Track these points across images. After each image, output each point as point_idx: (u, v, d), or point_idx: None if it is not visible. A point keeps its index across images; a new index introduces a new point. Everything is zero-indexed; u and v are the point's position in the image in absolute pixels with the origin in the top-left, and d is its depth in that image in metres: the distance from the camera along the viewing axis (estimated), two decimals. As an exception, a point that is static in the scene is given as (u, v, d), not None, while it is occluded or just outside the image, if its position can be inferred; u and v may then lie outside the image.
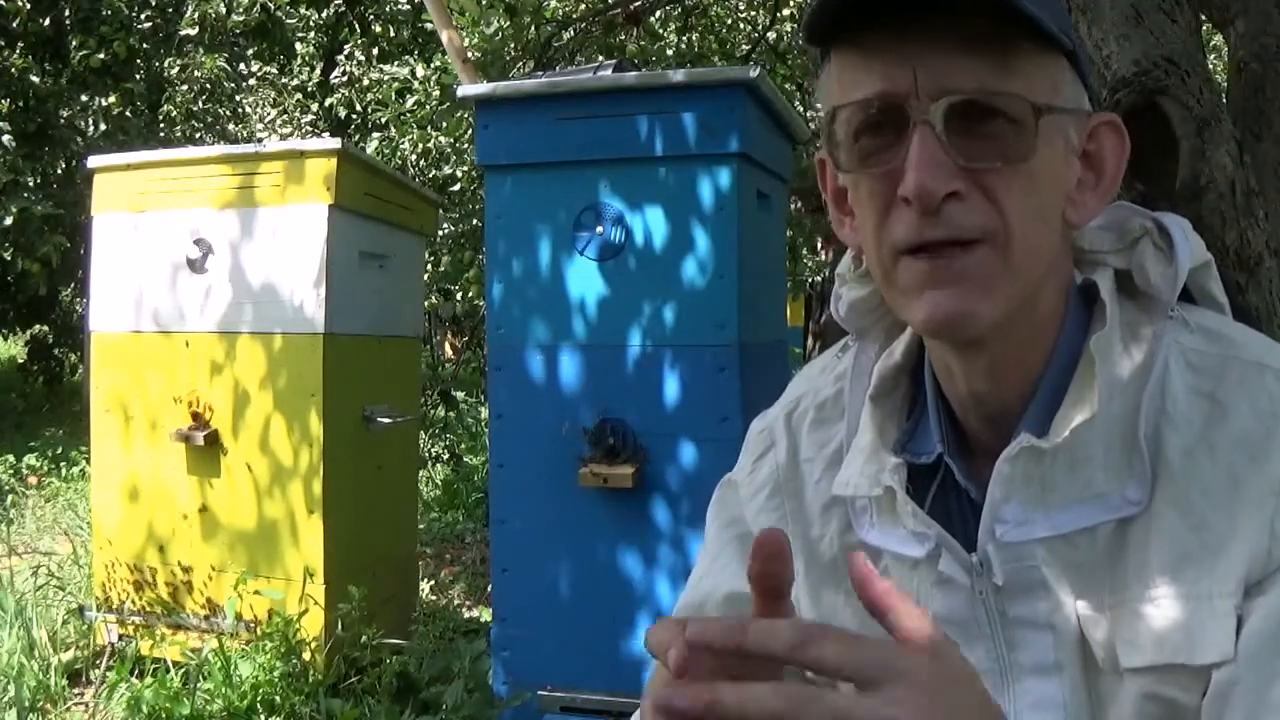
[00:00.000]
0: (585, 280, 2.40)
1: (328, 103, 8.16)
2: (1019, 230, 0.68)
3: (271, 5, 8.17)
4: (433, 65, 6.25)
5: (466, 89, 2.58)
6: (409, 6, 8.27)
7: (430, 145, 6.13)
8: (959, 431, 0.79)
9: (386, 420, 3.28)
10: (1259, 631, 0.67)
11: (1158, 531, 0.70)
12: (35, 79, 7.96)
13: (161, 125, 9.46)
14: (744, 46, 6.80)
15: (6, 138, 7.75)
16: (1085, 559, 0.72)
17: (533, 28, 5.08)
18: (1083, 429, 0.71)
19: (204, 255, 3.16)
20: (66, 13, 8.39)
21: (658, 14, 6.24)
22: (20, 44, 8.17)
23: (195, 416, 3.15)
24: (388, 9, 8.41)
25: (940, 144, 0.66)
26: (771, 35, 6.50)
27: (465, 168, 6.11)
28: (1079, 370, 0.73)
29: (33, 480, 6.37)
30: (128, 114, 8.64)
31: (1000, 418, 0.76)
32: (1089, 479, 0.72)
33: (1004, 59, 0.67)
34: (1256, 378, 0.71)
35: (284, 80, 9.84)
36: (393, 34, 8.33)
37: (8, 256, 8.04)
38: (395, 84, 6.29)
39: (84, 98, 8.50)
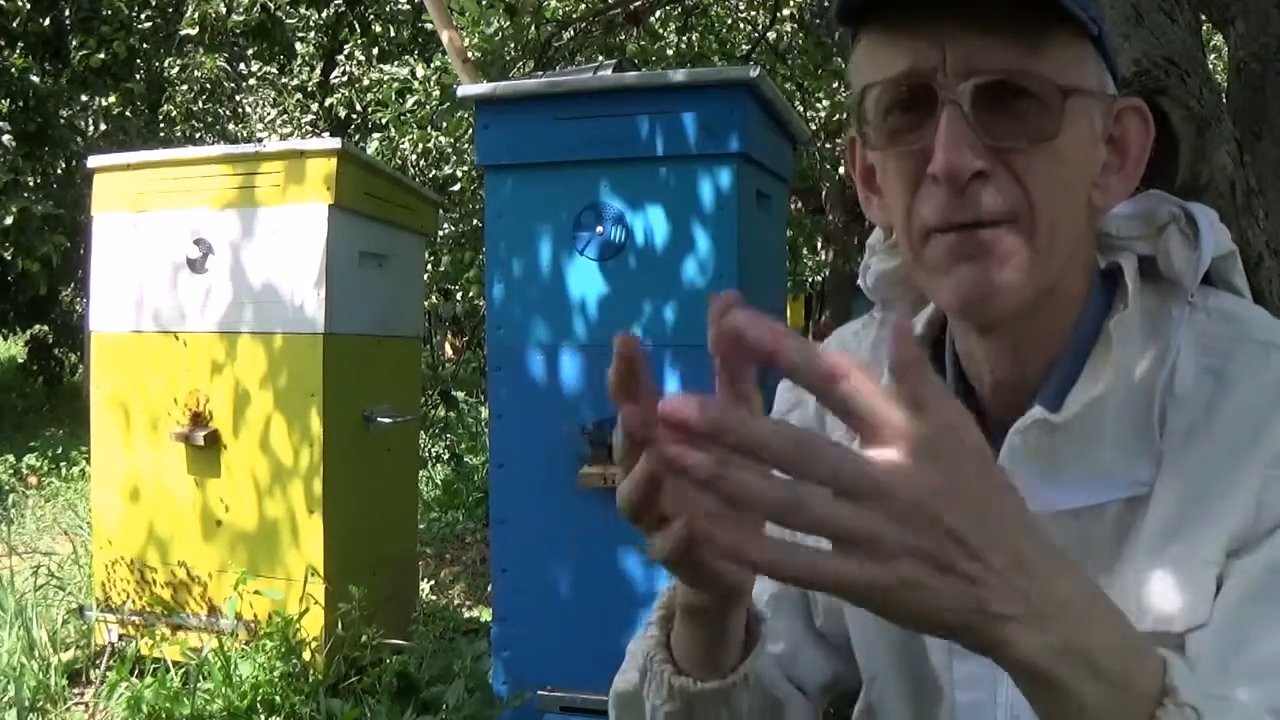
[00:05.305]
0: (585, 280, 2.40)
1: (328, 103, 8.17)
2: (1045, 211, 0.69)
3: (271, 5, 8.17)
4: (433, 65, 6.25)
5: (466, 89, 2.58)
6: (409, 6, 8.27)
7: (430, 145, 6.14)
8: (976, 411, 0.80)
9: (386, 420, 3.28)
10: (1232, 594, 0.68)
11: (1155, 507, 0.72)
12: (35, 79, 7.96)
13: (161, 125, 9.46)
14: (744, 46, 6.79)
15: (6, 138, 7.75)
16: (1093, 536, 0.73)
17: (533, 28, 5.08)
18: (1094, 406, 0.72)
19: (204, 255, 3.16)
20: (66, 13, 8.39)
21: (658, 14, 6.24)
22: (20, 44, 8.16)
23: (195, 416, 3.15)
24: (388, 9, 8.41)
25: (968, 123, 0.67)
26: (771, 35, 6.49)
27: (465, 168, 6.11)
28: (1096, 350, 0.75)
29: (33, 480, 6.36)
30: (128, 114, 8.64)
31: (1020, 399, 0.77)
32: (1099, 457, 0.73)
33: (1033, 41, 0.67)
34: (1262, 355, 0.73)
35: (284, 80, 9.85)
36: (393, 34, 8.34)
37: (8, 256, 8.04)
38: (395, 84, 6.29)
39: (84, 98, 8.50)
